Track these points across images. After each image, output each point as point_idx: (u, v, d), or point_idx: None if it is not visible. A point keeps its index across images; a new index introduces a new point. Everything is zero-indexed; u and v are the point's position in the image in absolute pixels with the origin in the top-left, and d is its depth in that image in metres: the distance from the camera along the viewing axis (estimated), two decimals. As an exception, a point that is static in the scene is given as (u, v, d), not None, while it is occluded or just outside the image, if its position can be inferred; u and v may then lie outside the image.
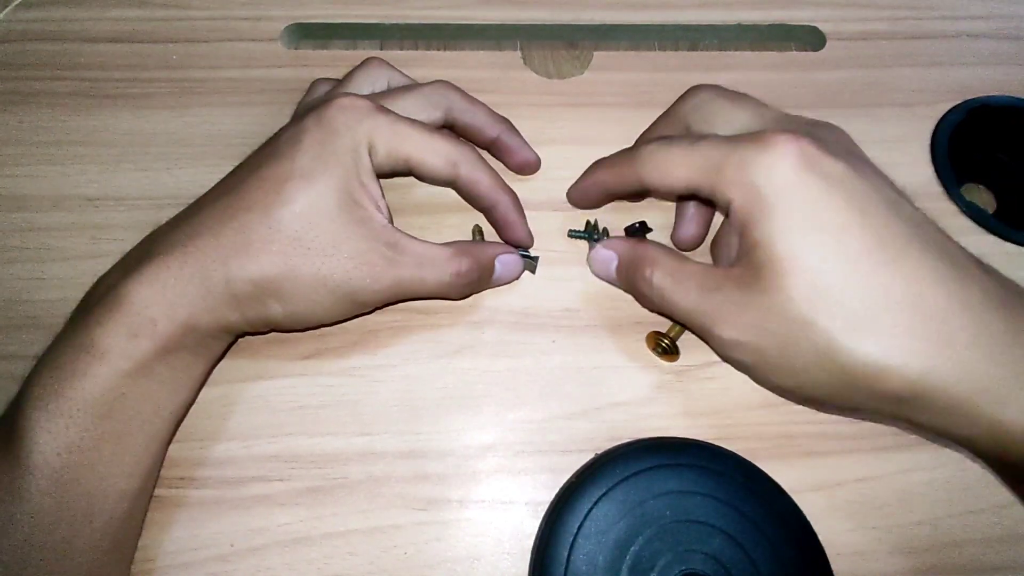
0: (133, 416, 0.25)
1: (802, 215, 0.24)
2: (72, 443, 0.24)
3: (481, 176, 0.31)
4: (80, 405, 0.24)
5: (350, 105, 0.28)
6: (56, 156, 0.35)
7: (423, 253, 0.29)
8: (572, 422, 0.30)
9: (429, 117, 0.31)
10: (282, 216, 0.26)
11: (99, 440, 0.24)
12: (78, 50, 0.38)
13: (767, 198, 0.24)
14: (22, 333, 0.31)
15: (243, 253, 0.26)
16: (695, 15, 0.40)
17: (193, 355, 0.27)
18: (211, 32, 0.39)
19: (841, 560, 0.27)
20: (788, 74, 0.38)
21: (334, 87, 0.32)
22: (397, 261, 0.28)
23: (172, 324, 0.25)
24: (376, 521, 0.28)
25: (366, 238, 0.27)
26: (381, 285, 0.28)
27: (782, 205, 0.24)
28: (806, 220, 0.24)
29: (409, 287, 0.29)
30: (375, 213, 0.28)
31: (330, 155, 0.27)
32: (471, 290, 0.31)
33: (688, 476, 0.27)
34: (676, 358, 0.31)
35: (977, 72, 0.39)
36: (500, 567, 0.28)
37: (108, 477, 0.25)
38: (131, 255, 0.28)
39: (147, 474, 0.27)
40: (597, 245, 0.31)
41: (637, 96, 0.37)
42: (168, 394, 0.27)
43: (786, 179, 0.24)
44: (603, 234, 0.34)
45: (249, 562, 0.28)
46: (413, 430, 0.30)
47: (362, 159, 0.28)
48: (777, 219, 0.24)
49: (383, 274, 0.28)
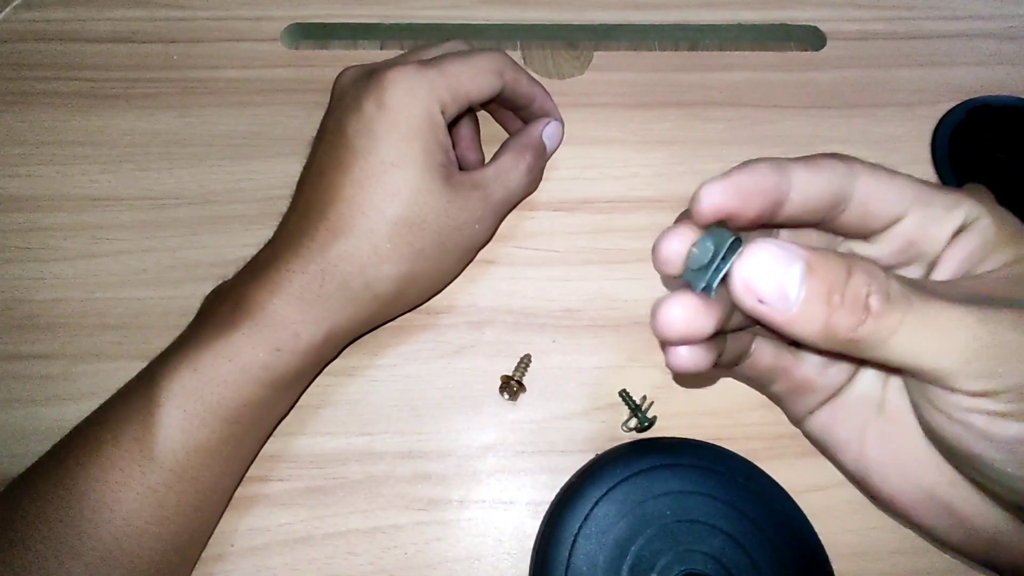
0: (255, 421, 0.27)
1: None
2: (200, 443, 0.25)
3: (519, 74, 0.32)
4: (216, 411, 0.25)
5: (401, 76, 0.28)
6: (57, 156, 0.35)
7: (497, 173, 0.31)
8: (572, 422, 0.30)
9: (490, 85, 0.30)
10: (396, 211, 0.27)
11: (223, 443, 0.26)
12: (79, 50, 0.38)
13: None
14: (22, 333, 0.31)
15: (376, 257, 0.27)
16: (695, 15, 0.40)
17: (319, 363, 0.29)
18: (212, 32, 0.39)
19: (841, 560, 0.27)
20: (788, 74, 0.38)
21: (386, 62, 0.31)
22: (488, 195, 0.30)
23: (316, 337, 0.27)
24: (376, 521, 0.28)
25: (461, 193, 0.29)
26: (489, 221, 0.31)
27: None
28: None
29: (506, 206, 0.32)
30: (455, 166, 0.29)
31: (409, 134, 0.28)
32: (540, 174, 0.34)
33: (688, 476, 0.27)
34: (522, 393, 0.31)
35: (977, 72, 0.39)
36: (500, 567, 0.28)
37: (222, 477, 0.27)
38: (262, 264, 0.28)
39: (241, 478, 0.29)
40: (756, 247, 0.19)
41: (637, 96, 0.37)
42: (288, 401, 0.29)
43: None
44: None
45: (249, 562, 0.28)
46: (413, 430, 0.30)
47: (436, 122, 0.28)
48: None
49: (486, 212, 0.30)
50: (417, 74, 0.28)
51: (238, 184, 0.35)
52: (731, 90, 0.38)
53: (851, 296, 0.19)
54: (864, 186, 0.22)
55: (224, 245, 0.33)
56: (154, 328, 0.31)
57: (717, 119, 0.37)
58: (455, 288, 0.32)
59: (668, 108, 0.37)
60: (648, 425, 0.30)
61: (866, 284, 0.19)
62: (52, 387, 0.30)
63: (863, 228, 0.23)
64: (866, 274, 0.19)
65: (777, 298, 0.19)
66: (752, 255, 0.19)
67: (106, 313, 0.32)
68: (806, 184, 0.21)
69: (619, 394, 0.30)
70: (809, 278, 0.19)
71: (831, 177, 0.22)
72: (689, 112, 0.37)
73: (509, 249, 0.33)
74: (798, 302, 0.19)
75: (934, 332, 0.19)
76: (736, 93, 0.38)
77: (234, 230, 0.33)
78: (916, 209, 0.22)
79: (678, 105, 0.37)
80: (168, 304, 0.32)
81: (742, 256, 0.19)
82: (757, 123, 0.37)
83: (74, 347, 0.31)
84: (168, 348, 0.27)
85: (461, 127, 0.34)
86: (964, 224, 0.22)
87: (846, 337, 0.19)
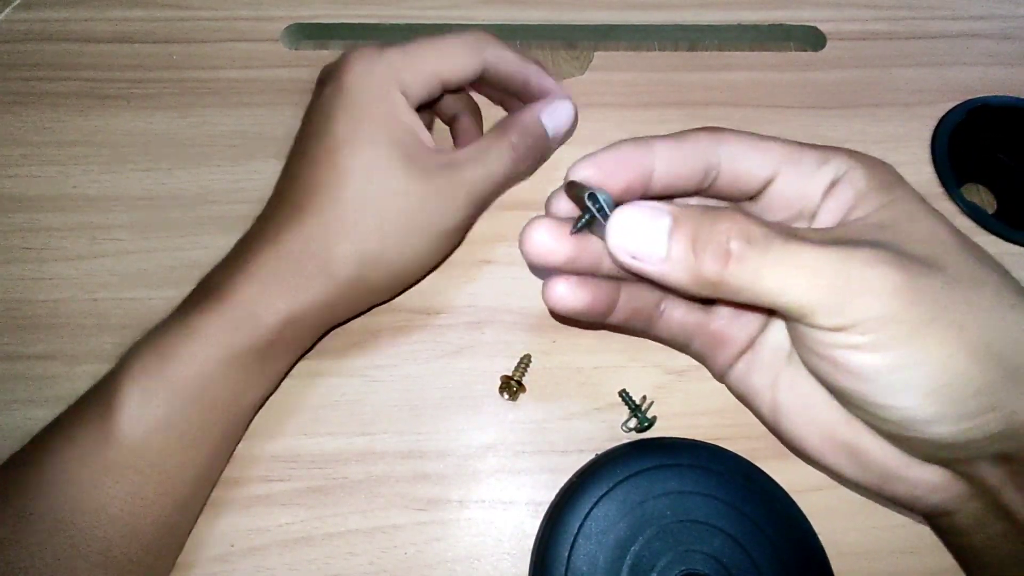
0: (220, 404, 0.26)
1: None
2: (160, 421, 0.25)
3: (504, 51, 0.30)
4: (175, 388, 0.25)
5: (358, 57, 0.28)
6: (57, 156, 0.35)
7: (474, 154, 0.29)
8: (572, 422, 0.30)
9: (466, 64, 0.29)
10: (348, 190, 0.26)
11: (186, 423, 0.25)
12: (79, 50, 0.38)
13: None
14: (22, 333, 0.31)
15: (328, 237, 0.26)
16: (695, 15, 0.40)
17: (286, 349, 0.28)
18: (212, 32, 0.39)
19: (841, 560, 0.27)
20: (788, 74, 0.38)
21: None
22: (461, 176, 0.28)
23: (274, 318, 0.26)
24: (376, 521, 0.28)
25: (426, 171, 0.27)
26: (462, 203, 0.28)
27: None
28: None
29: (484, 189, 0.29)
30: (422, 145, 0.28)
31: (362, 112, 0.27)
32: (538, 157, 0.31)
33: (688, 476, 0.27)
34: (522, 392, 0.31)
35: (977, 72, 0.39)
36: (500, 567, 0.28)
37: (189, 464, 0.26)
38: (232, 253, 0.28)
39: (215, 467, 0.28)
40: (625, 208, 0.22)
41: (637, 96, 0.37)
42: (253, 386, 0.27)
43: None
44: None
45: (249, 562, 0.28)
46: (413, 430, 0.30)
47: (395, 101, 0.28)
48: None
49: (458, 194, 0.28)
50: (375, 54, 0.28)
51: (238, 184, 0.35)
52: (731, 90, 0.38)
53: (714, 243, 0.21)
54: (729, 154, 0.24)
55: (224, 245, 0.33)
56: (154, 328, 0.31)
57: (717, 119, 0.36)
58: (455, 288, 0.32)
59: (668, 108, 0.37)
60: (648, 425, 0.30)
61: (727, 230, 0.21)
62: (52, 387, 0.30)
63: (739, 192, 0.25)
64: (727, 221, 0.21)
65: (648, 252, 0.21)
66: (621, 214, 0.22)
67: (106, 313, 0.32)
68: (669, 158, 0.24)
69: (619, 394, 0.30)
70: (675, 231, 0.21)
71: (694, 149, 0.24)
72: (689, 112, 0.37)
73: (509, 249, 0.33)
74: (667, 253, 0.21)
75: (794, 271, 0.20)
76: (736, 93, 0.38)
77: (234, 230, 0.33)
78: (785, 169, 0.24)
79: (678, 105, 0.37)
80: (168, 304, 0.32)
81: (612, 217, 0.22)
82: (757, 123, 0.37)
83: (74, 348, 0.31)
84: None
85: (461, 119, 0.34)
86: (836, 178, 0.23)
87: (714, 280, 0.21)
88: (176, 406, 0.25)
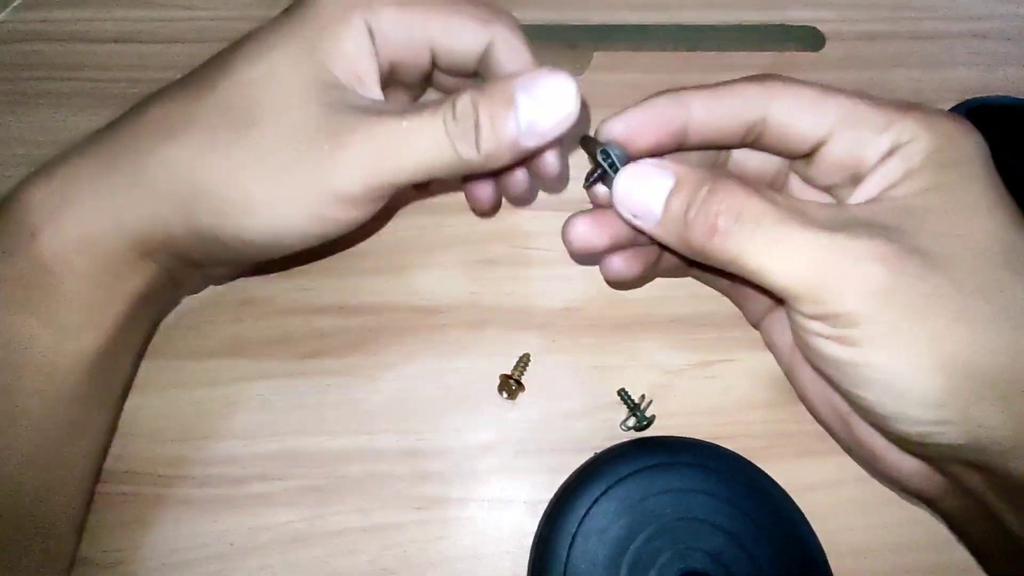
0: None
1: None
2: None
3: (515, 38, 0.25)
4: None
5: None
6: (58, 156, 0.35)
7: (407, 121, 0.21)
8: (571, 421, 0.30)
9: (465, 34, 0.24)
10: (218, 87, 0.21)
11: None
12: (81, 51, 0.38)
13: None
14: (24, 332, 0.31)
15: (160, 135, 0.21)
16: (695, 15, 0.40)
17: (97, 287, 0.21)
18: (214, 33, 0.39)
19: (841, 558, 0.27)
20: (788, 74, 0.38)
21: None
22: (371, 129, 0.21)
23: (57, 237, 0.21)
24: (376, 520, 0.28)
25: (331, 109, 0.21)
26: (349, 165, 0.21)
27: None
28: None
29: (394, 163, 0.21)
30: (356, 90, 0.23)
31: (302, 24, 0.22)
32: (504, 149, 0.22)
33: (687, 474, 0.27)
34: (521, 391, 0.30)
35: (977, 72, 0.39)
36: (500, 566, 0.28)
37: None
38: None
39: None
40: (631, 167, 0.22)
41: (637, 96, 0.37)
42: (54, 340, 0.21)
43: None
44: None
45: (249, 561, 0.28)
46: (413, 430, 0.30)
47: (353, 30, 0.22)
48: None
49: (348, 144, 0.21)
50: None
51: (239, 184, 0.35)
52: (731, 90, 0.38)
53: (703, 214, 0.21)
54: (779, 110, 0.22)
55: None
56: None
57: (717, 119, 0.37)
58: (455, 287, 0.32)
59: (668, 108, 0.37)
60: (647, 424, 0.30)
61: (718, 203, 0.20)
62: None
63: (788, 150, 0.23)
64: (722, 192, 0.21)
65: (644, 212, 0.22)
66: (625, 173, 0.22)
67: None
68: (706, 112, 0.23)
69: (618, 393, 0.30)
70: (674, 194, 0.21)
71: (734, 104, 0.23)
72: (689, 112, 0.37)
73: (509, 249, 0.34)
74: (661, 216, 0.21)
75: (782, 253, 0.20)
76: (736, 93, 0.38)
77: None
78: (841, 131, 0.22)
79: (678, 105, 0.37)
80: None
81: (618, 175, 0.22)
82: (757, 123, 0.37)
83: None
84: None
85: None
86: (894, 147, 0.21)
87: (699, 250, 0.21)
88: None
